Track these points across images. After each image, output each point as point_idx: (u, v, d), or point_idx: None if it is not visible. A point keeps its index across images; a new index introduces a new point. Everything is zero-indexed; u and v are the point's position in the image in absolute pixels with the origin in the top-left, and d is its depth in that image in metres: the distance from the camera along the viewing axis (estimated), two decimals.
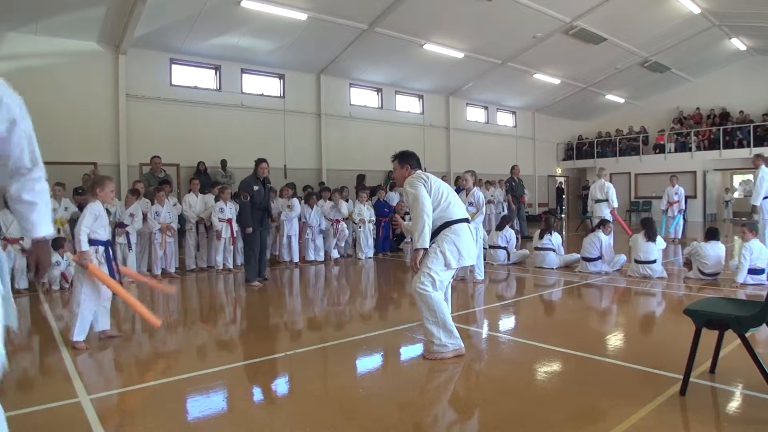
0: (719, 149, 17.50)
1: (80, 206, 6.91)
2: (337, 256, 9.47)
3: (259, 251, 7.02)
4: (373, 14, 11.36)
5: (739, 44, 16.08)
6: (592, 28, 13.35)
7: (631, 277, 6.98)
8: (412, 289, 3.70)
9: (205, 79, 12.25)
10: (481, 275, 6.93)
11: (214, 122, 11.99)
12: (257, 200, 6.91)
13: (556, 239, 8.08)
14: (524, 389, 3.12)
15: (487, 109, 18.78)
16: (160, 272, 7.59)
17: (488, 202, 11.92)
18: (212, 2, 9.68)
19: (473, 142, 17.77)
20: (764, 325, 2.72)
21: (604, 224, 7.68)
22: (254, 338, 4.58)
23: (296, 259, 8.86)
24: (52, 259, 2.40)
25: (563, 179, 22.25)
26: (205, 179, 9.99)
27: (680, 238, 11.52)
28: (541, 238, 8.12)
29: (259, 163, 6.97)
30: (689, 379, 2.86)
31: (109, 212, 5.48)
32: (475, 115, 18.51)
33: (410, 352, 3.95)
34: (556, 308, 5.75)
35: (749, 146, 16.60)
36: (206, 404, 2.99)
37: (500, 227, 8.77)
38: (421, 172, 3.88)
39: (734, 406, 2.86)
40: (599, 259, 7.39)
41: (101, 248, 4.34)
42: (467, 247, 3.67)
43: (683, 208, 11.76)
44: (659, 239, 7.05)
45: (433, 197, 3.64)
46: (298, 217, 8.79)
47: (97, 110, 10.36)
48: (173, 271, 7.79)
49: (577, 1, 12.12)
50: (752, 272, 6.11)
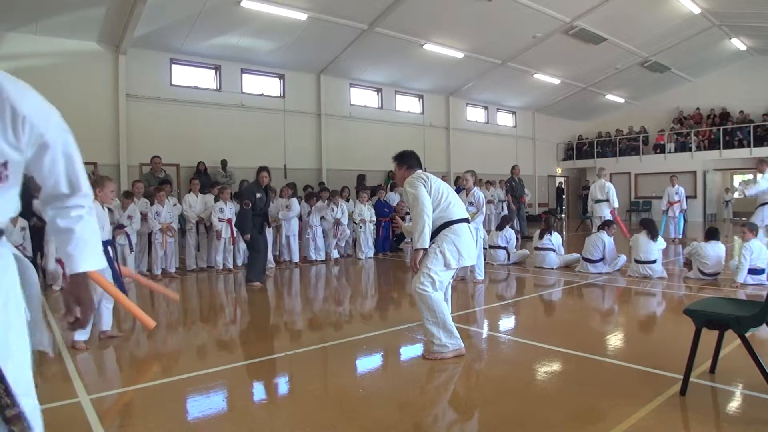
0: (719, 149, 17.50)
1: None
2: (337, 256, 9.47)
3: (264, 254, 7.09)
4: (373, 14, 11.36)
5: (739, 44, 16.07)
6: (592, 28, 13.34)
7: (631, 277, 6.98)
8: (412, 289, 3.70)
9: (205, 79, 12.24)
10: (481, 275, 6.93)
11: (214, 122, 11.98)
12: (258, 206, 6.95)
13: (556, 239, 8.08)
14: (524, 389, 3.12)
15: (487, 109, 18.77)
16: (160, 272, 7.59)
17: (488, 202, 11.92)
18: (212, 2, 9.68)
19: (473, 142, 17.75)
20: (764, 325, 2.71)
21: (608, 225, 7.67)
22: (254, 338, 4.58)
23: (296, 259, 8.88)
24: (94, 297, 1.90)
25: (563, 179, 22.24)
26: (205, 179, 9.99)
27: (680, 238, 11.52)
28: (541, 238, 8.12)
29: (260, 171, 6.98)
30: (689, 379, 2.86)
31: (111, 211, 5.47)
32: (475, 115, 18.50)
33: (410, 352, 3.95)
34: (556, 308, 5.75)
35: (749, 146, 16.64)
36: (206, 404, 2.99)
37: (500, 227, 8.77)
38: (421, 172, 3.88)
39: (734, 406, 2.86)
40: (601, 261, 7.38)
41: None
42: (467, 247, 3.67)
43: (685, 207, 11.75)
44: (660, 239, 7.06)
45: (433, 197, 3.64)
46: (297, 216, 8.80)
47: (97, 110, 10.34)
48: (173, 271, 7.79)
49: (577, 1, 12.11)
50: (752, 272, 6.11)
